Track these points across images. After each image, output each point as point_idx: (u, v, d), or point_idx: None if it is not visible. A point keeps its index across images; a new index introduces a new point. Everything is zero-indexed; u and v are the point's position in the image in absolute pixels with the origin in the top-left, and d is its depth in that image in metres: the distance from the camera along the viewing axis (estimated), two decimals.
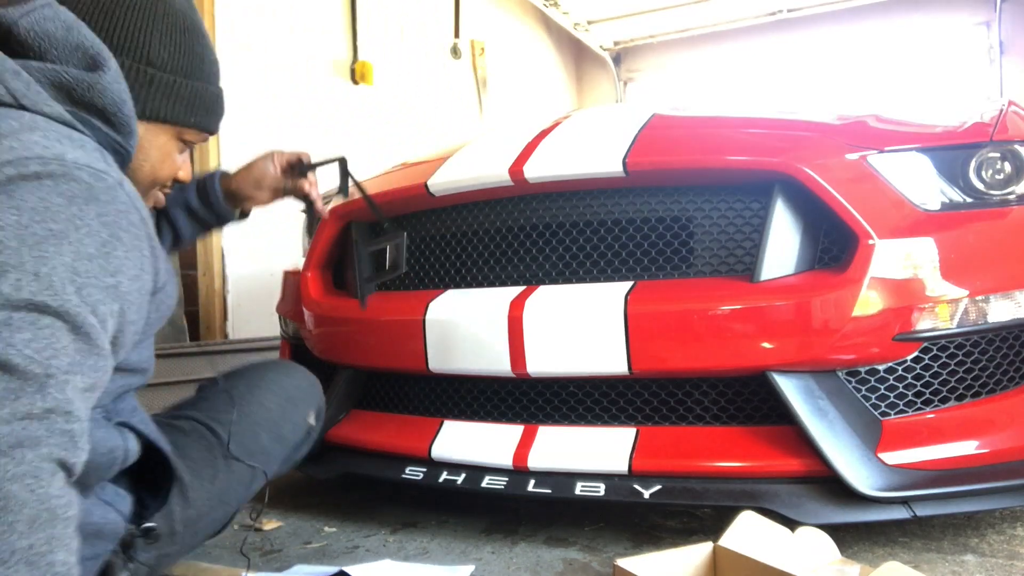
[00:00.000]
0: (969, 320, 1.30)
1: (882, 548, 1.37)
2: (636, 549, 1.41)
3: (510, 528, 1.55)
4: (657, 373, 1.39)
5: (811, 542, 1.15)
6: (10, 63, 0.77)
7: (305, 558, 1.43)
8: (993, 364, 1.35)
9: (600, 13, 5.43)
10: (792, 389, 1.30)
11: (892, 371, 1.33)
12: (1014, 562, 1.28)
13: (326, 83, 3.61)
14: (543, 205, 1.57)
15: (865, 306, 1.26)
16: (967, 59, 5.05)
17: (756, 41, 5.58)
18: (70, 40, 0.83)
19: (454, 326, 1.50)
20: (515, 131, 1.74)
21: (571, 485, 1.40)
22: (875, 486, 1.24)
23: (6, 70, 0.76)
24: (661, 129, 1.53)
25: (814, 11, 5.26)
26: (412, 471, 1.55)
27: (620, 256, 1.49)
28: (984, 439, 1.31)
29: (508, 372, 1.45)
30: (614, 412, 1.48)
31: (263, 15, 3.32)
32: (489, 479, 1.47)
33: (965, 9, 5.02)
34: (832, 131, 1.42)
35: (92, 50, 0.84)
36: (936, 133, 1.42)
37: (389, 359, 1.61)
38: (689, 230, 1.44)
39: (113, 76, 0.84)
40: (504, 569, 1.34)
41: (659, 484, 1.35)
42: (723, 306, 1.30)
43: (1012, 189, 1.36)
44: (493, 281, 1.60)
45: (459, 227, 1.66)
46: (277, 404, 1.28)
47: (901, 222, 1.31)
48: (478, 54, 4.75)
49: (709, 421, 1.42)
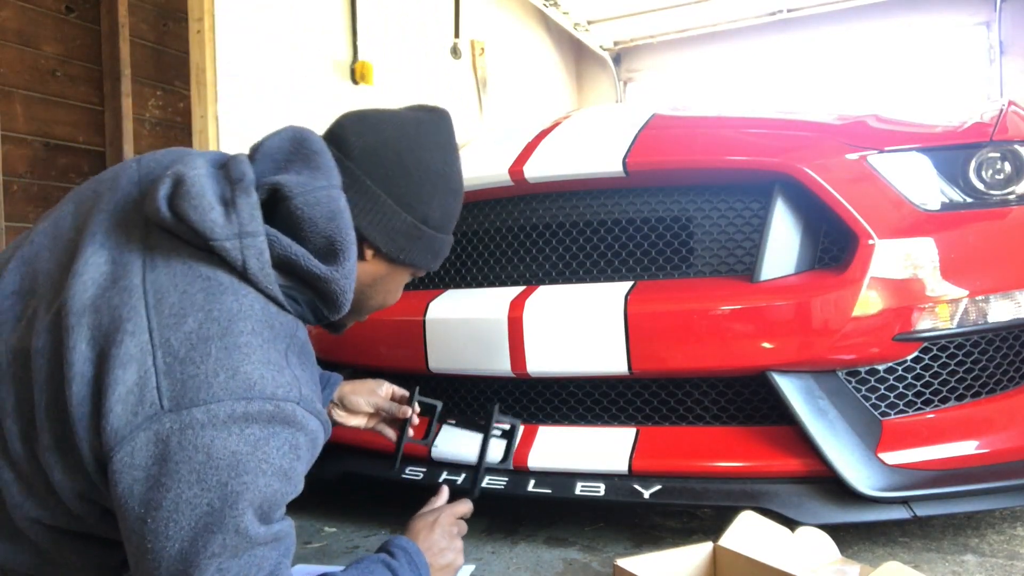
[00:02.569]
0: (969, 320, 1.30)
1: (882, 548, 1.37)
2: (636, 549, 1.41)
3: (510, 528, 1.55)
4: (657, 373, 1.38)
5: (811, 542, 1.15)
6: (260, 240, 0.84)
7: (305, 558, 1.43)
8: (993, 364, 1.35)
9: (600, 13, 5.42)
10: (792, 389, 1.30)
11: (892, 371, 1.33)
12: (1014, 562, 1.28)
13: (326, 83, 3.61)
14: (543, 205, 1.57)
15: (865, 306, 1.26)
16: (967, 59, 5.04)
17: (756, 41, 5.57)
18: (326, 229, 0.88)
19: (454, 326, 1.50)
20: (515, 131, 1.74)
21: (571, 485, 1.40)
22: (875, 486, 1.24)
23: (254, 246, 0.83)
24: (661, 129, 1.53)
25: (814, 11, 5.25)
26: (412, 471, 1.55)
27: (620, 256, 1.49)
28: (984, 439, 1.31)
29: (508, 372, 1.45)
30: (614, 412, 1.48)
31: (263, 15, 3.32)
32: (489, 479, 1.47)
33: (965, 9, 5.01)
34: (832, 131, 1.42)
35: (339, 245, 0.89)
36: (936, 133, 1.42)
37: (389, 359, 1.61)
38: (689, 230, 1.44)
39: (345, 272, 0.90)
40: (504, 569, 1.33)
41: (659, 484, 1.35)
42: (723, 306, 1.30)
43: (1012, 189, 1.36)
44: (493, 281, 1.59)
45: (459, 227, 1.66)
46: None
47: (901, 222, 1.31)
48: (478, 54, 4.74)
49: (709, 421, 1.42)
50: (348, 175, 0.95)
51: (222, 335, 0.79)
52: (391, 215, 0.98)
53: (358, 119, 1.00)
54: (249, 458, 0.77)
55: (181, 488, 0.74)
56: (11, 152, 2.63)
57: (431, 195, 1.00)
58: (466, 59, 4.67)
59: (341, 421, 1.38)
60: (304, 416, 0.82)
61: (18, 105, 2.67)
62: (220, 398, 0.76)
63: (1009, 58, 4.89)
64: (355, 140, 0.97)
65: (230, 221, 0.83)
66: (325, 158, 0.93)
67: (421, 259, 1.04)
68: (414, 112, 1.04)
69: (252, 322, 0.81)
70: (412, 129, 1.00)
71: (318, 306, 0.93)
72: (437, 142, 1.03)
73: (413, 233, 1.00)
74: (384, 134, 0.98)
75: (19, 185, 2.64)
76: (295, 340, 0.88)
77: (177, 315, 0.79)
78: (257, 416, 0.78)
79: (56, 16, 2.80)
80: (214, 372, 0.77)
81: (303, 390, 0.84)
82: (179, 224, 0.83)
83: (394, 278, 1.07)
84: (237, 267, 0.83)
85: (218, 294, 0.81)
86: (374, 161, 0.97)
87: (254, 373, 0.78)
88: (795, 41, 5.48)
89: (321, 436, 0.87)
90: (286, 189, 0.87)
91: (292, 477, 0.82)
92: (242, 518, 0.76)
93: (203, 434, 0.75)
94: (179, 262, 0.83)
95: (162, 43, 3.16)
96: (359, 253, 0.98)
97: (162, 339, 0.78)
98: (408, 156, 0.99)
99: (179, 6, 3.10)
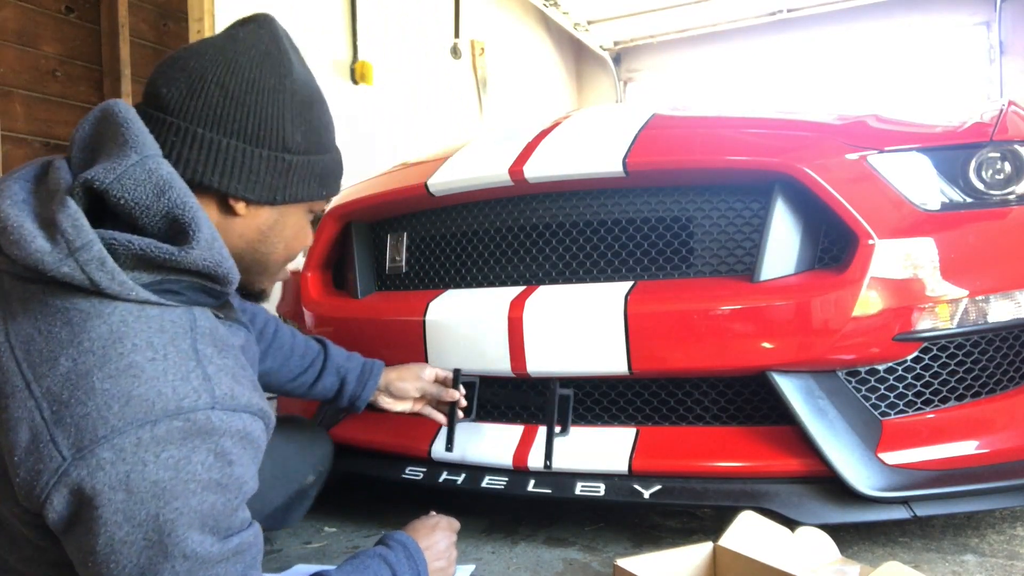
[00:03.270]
0: (969, 320, 1.30)
1: (882, 548, 1.37)
2: (636, 549, 1.41)
3: (510, 528, 1.55)
4: (657, 373, 1.38)
5: (811, 542, 1.15)
6: (96, 249, 0.74)
7: (305, 558, 1.43)
8: (993, 364, 1.35)
9: (600, 13, 5.42)
10: (792, 389, 1.30)
11: (892, 371, 1.33)
12: (1014, 562, 1.28)
13: (326, 83, 3.60)
14: (543, 205, 1.57)
15: (865, 306, 1.26)
16: (967, 59, 5.04)
17: (756, 41, 5.57)
18: (160, 207, 0.77)
19: (454, 326, 1.50)
20: (515, 131, 1.74)
21: (571, 485, 1.40)
22: (875, 486, 1.24)
23: (92, 259, 0.74)
24: (661, 129, 1.53)
25: (814, 11, 5.25)
26: (412, 471, 1.55)
27: (620, 256, 1.49)
28: (984, 439, 1.31)
29: (508, 372, 1.45)
30: (614, 412, 1.48)
31: None
32: (489, 479, 1.47)
33: (965, 9, 5.01)
34: (832, 131, 1.42)
35: (183, 218, 0.78)
36: (936, 133, 1.42)
37: (389, 359, 1.61)
38: (689, 230, 1.44)
39: (204, 247, 0.79)
40: (504, 569, 1.33)
41: (659, 484, 1.35)
42: (723, 306, 1.30)
43: (1012, 189, 1.36)
44: (493, 281, 1.59)
45: (459, 227, 1.66)
46: (287, 459, 1.30)
47: (901, 222, 1.31)
48: (478, 54, 4.74)
49: (709, 421, 1.42)
50: (174, 132, 0.83)
51: (101, 364, 0.72)
52: (242, 157, 0.85)
53: (167, 65, 0.86)
54: (173, 482, 0.71)
55: (111, 531, 0.70)
56: (11, 152, 2.63)
57: (278, 117, 0.87)
58: (466, 59, 4.67)
59: (387, 408, 1.40)
60: (223, 419, 0.76)
61: (18, 105, 2.67)
62: (121, 429, 0.70)
63: (1009, 58, 4.89)
64: (167, 90, 0.84)
65: (56, 243, 0.73)
66: (133, 127, 0.79)
67: (304, 191, 0.92)
68: (224, 34, 0.90)
69: (131, 339, 0.74)
70: (229, 52, 0.86)
71: (205, 285, 0.82)
72: (264, 53, 0.87)
73: (278, 167, 0.88)
74: (198, 71, 0.84)
75: None
76: (198, 330, 0.80)
77: (48, 360, 0.72)
78: (168, 437, 0.72)
79: (56, 16, 2.80)
80: (106, 405, 0.71)
81: (217, 389, 0.77)
82: (14, 264, 0.76)
83: (287, 222, 0.94)
84: (87, 287, 0.74)
85: (81, 323, 0.74)
86: (197, 104, 0.83)
87: (149, 392, 0.72)
88: (795, 41, 5.48)
89: (255, 428, 0.81)
90: (96, 182, 0.76)
91: (229, 485, 0.76)
92: (186, 542, 0.72)
93: (115, 471, 0.69)
94: (35, 303, 0.75)
95: (162, 43, 3.16)
96: (228, 210, 0.88)
97: (42, 389, 0.72)
98: (233, 83, 0.85)
99: (179, 6, 3.11)
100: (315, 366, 1.35)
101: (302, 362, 1.34)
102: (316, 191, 0.94)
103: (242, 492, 0.79)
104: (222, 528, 0.76)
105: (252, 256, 0.93)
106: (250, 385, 0.84)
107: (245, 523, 0.80)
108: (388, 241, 1.77)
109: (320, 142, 0.93)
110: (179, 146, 0.83)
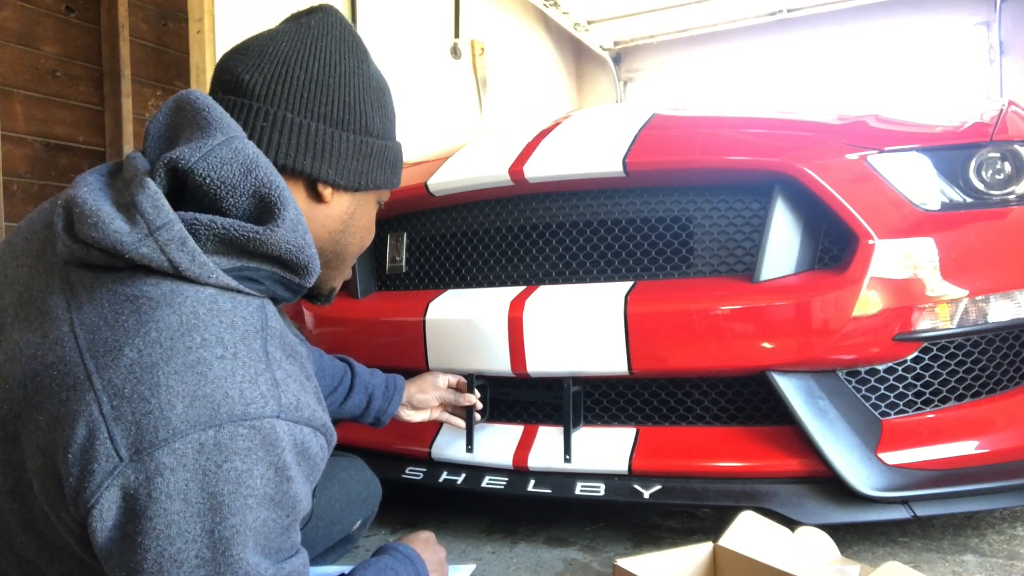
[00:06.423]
0: (969, 320, 1.30)
1: (882, 548, 1.37)
2: (636, 549, 1.41)
3: (510, 528, 1.55)
4: (657, 373, 1.38)
5: (811, 542, 1.15)
6: (177, 229, 0.70)
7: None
8: (993, 364, 1.35)
9: (600, 13, 5.42)
10: (792, 389, 1.30)
11: (892, 371, 1.33)
12: (1014, 562, 1.28)
13: None
14: (543, 205, 1.57)
15: (865, 306, 1.26)
16: (967, 59, 5.04)
17: (756, 41, 5.58)
18: (247, 185, 0.74)
19: (454, 326, 1.50)
20: (515, 131, 1.74)
21: (571, 485, 1.40)
22: (875, 486, 1.24)
23: (172, 239, 0.70)
24: (661, 129, 1.53)
25: (814, 11, 5.26)
26: (412, 471, 1.55)
27: (620, 256, 1.49)
28: (984, 439, 1.31)
29: (508, 372, 1.45)
30: (614, 412, 1.48)
31: (263, 15, 3.32)
32: (489, 479, 1.47)
33: (965, 9, 5.01)
34: (832, 131, 1.42)
35: (270, 196, 0.75)
36: (936, 133, 1.42)
37: (389, 359, 1.61)
38: (689, 230, 1.44)
39: (289, 227, 0.75)
40: (504, 569, 1.33)
41: (659, 484, 1.35)
42: (723, 306, 1.30)
43: (1012, 189, 1.36)
44: (493, 281, 1.59)
45: (459, 227, 1.66)
46: (340, 503, 1.29)
47: (901, 222, 1.31)
48: (478, 54, 4.74)
49: (709, 421, 1.42)
50: (262, 117, 0.82)
51: (168, 358, 0.67)
52: (332, 141, 0.85)
53: (241, 52, 0.86)
54: (232, 496, 0.66)
55: (162, 545, 0.65)
56: (11, 152, 2.63)
57: (361, 101, 0.88)
58: (466, 59, 4.67)
59: (409, 419, 1.43)
60: (287, 430, 0.71)
61: (18, 105, 2.67)
62: (183, 432, 0.65)
63: (1009, 58, 4.89)
64: (249, 76, 0.83)
65: (135, 224, 0.70)
66: (214, 111, 0.78)
67: (383, 177, 0.92)
68: (293, 23, 0.89)
69: (201, 332, 0.69)
70: (307, 38, 0.86)
71: (285, 277, 0.79)
72: (340, 39, 0.88)
73: (363, 151, 0.88)
74: (280, 56, 0.84)
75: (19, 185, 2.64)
76: (269, 331, 0.75)
77: (113, 350, 0.68)
78: (231, 444, 0.67)
79: (56, 16, 2.79)
80: (169, 403, 0.65)
81: (284, 397, 0.72)
82: (89, 251, 0.72)
83: (364, 211, 0.94)
84: (166, 269, 0.70)
85: (150, 312, 0.69)
86: (283, 88, 0.83)
87: (216, 393, 0.67)
88: (795, 41, 5.48)
89: (316, 445, 0.76)
90: (182, 161, 0.73)
91: (284, 503, 0.71)
92: (241, 564, 0.67)
93: (174, 479, 0.64)
94: (104, 291, 0.71)
95: (162, 43, 3.16)
96: (315, 196, 0.87)
97: (103, 381, 0.67)
98: (317, 67, 0.85)
99: (179, 6, 3.10)
100: (344, 384, 1.34)
101: (332, 381, 1.33)
102: (390, 178, 0.94)
103: (296, 512, 0.74)
104: (275, 550, 0.71)
105: (333, 248, 0.92)
106: (315, 397, 0.79)
107: (295, 547, 0.75)
108: (388, 241, 1.77)
109: (393, 128, 0.94)
110: (268, 131, 0.82)
